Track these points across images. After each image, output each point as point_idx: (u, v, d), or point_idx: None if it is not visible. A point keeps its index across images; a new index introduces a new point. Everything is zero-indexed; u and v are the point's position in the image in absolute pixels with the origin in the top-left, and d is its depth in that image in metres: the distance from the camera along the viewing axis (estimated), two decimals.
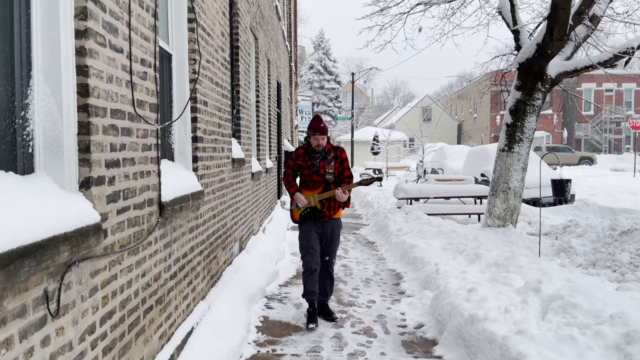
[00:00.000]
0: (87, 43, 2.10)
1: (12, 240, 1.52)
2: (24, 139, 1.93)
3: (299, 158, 4.66)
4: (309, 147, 4.58)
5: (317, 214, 4.60)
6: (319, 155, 4.56)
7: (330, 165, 4.54)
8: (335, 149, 4.64)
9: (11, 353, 1.58)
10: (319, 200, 4.57)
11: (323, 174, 4.54)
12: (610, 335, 3.35)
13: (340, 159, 4.61)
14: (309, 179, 4.59)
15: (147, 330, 2.81)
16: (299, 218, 4.67)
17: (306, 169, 4.60)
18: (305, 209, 4.61)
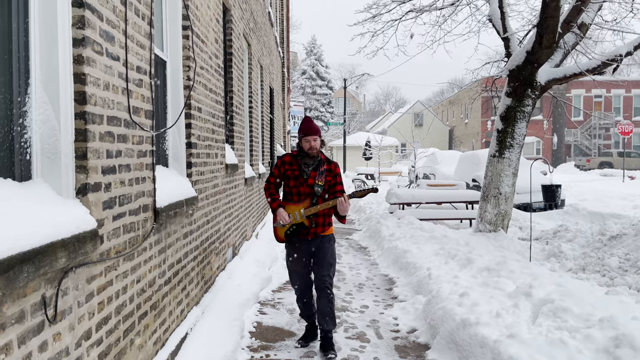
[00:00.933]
0: (84, 51, 2.13)
1: (11, 246, 1.53)
2: (21, 146, 1.95)
3: (284, 166, 4.09)
4: (301, 153, 4.05)
5: (302, 231, 4.06)
6: (311, 163, 4.03)
7: (322, 177, 4.00)
8: (329, 162, 4.12)
9: (10, 358, 1.59)
10: (307, 216, 4.00)
11: (312, 184, 3.99)
12: (600, 339, 3.41)
13: (333, 172, 4.09)
14: (296, 191, 4.04)
15: (142, 335, 2.82)
16: (284, 236, 4.13)
17: (293, 178, 4.03)
18: (291, 226, 4.06)
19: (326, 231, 4.11)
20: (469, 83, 12.36)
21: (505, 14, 8.29)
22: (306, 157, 4.03)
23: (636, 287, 5.13)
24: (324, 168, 4.03)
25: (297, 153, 4.07)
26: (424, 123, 49.92)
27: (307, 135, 3.99)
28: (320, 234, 4.08)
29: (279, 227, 4.12)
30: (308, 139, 3.99)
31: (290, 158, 4.10)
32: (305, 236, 4.06)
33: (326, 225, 4.12)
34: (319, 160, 4.03)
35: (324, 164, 4.05)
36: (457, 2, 9.64)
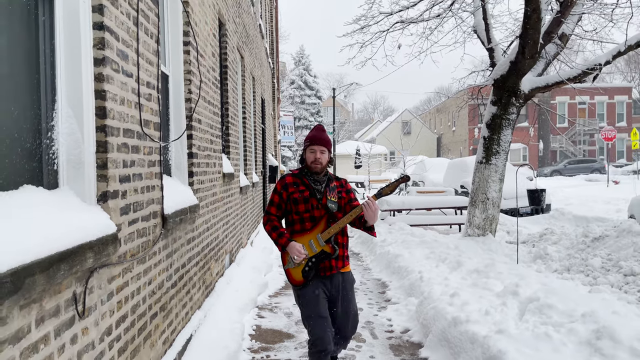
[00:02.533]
0: (104, 70, 2.32)
1: (51, 247, 1.71)
2: (50, 156, 2.13)
3: (288, 189, 3.23)
4: (305, 172, 3.28)
5: (321, 266, 3.22)
6: (323, 180, 3.26)
7: (334, 193, 3.25)
8: (339, 179, 3.42)
9: (48, 348, 1.76)
10: (326, 240, 3.15)
11: (326, 203, 3.21)
12: (582, 332, 3.63)
13: (345, 188, 3.36)
14: (308, 216, 3.18)
15: (153, 335, 2.99)
16: (302, 277, 3.20)
17: (303, 202, 3.18)
18: (308, 260, 3.15)
19: (346, 266, 3.33)
20: (455, 92, 12.67)
21: (489, 26, 8.61)
22: (312, 175, 3.25)
23: (618, 285, 5.37)
24: (334, 184, 3.31)
25: (300, 170, 3.31)
26: (412, 131, 50.44)
27: (313, 144, 3.21)
28: (341, 270, 3.27)
29: (293, 267, 3.21)
30: (314, 149, 3.21)
31: (294, 178, 3.28)
32: (325, 272, 3.22)
33: (345, 259, 3.32)
34: (328, 177, 3.30)
35: (333, 180, 3.33)
36: (443, 14, 9.95)
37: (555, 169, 35.19)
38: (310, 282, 3.19)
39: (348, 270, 3.37)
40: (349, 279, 3.35)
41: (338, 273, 3.27)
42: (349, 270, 3.38)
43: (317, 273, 3.21)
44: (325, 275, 3.23)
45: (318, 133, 3.27)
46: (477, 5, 8.84)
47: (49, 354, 1.77)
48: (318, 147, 3.23)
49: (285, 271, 3.28)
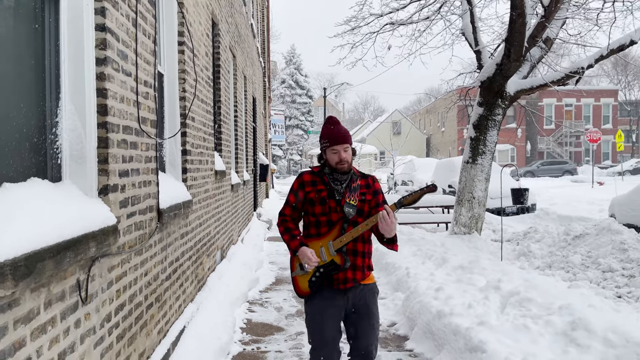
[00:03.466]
0: (105, 69, 2.44)
1: (59, 235, 1.83)
2: (54, 151, 2.24)
3: (305, 187, 2.84)
4: (325, 170, 2.84)
5: (334, 278, 2.77)
6: (345, 179, 2.80)
7: (354, 195, 2.78)
8: (365, 176, 2.91)
9: (55, 330, 1.88)
10: (337, 249, 2.72)
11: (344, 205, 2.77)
12: (559, 323, 3.81)
13: (372, 189, 2.87)
14: (325, 220, 2.78)
15: (149, 324, 3.11)
16: (308, 288, 2.80)
17: (319, 203, 2.79)
18: (316, 270, 2.75)
19: (367, 278, 2.86)
20: (444, 93, 12.87)
21: (477, 29, 8.79)
22: (336, 173, 2.80)
23: (596, 281, 5.58)
24: (358, 184, 2.82)
25: (320, 168, 2.88)
26: (402, 131, 50.72)
27: (333, 144, 2.77)
28: (360, 281, 2.81)
29: (300, 275, 2.81)
30: (336, 149, 2.76)
31: (312, 176, 2.87)
32: (338, 285, 2.76)
33: (366, 267, 2.84)
34: (351, 175, 2.83)
35: (357, 178, 2.84)
36: (432, 16, 10.13)
37: (528, 169, 35.80)
38: (319, 294, 2.77)
39: (371, 281, 2.89)
40: (370, 290, 2.85)
41: (358, 286, 2.80)
42: (373, 282, 2.90)
43: (330, 285, 2.76)
44: (342, 288, 2.76)
45: (335, 129, 2.80)
46: (465, 9, 9.02)
47: (55, 335, 1.89)
48: (340, 146, 2.75)
49: (292, 279, 2.88)
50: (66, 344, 1.97)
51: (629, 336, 3.36)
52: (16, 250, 1.57)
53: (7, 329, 1.58)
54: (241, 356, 4.22)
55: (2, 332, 1.55)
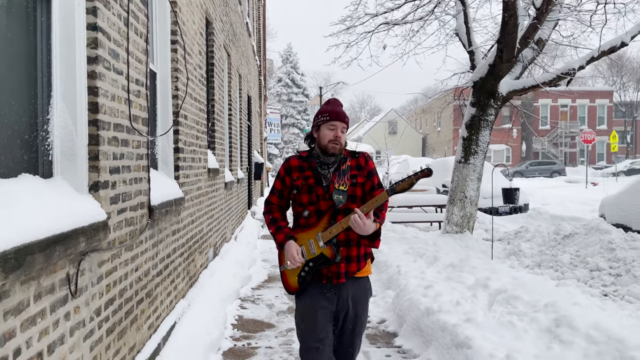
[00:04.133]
0: (97, 68, 2.48)
1: (49, 229, 1.88)
2: (45, 148, 2.29)
3: (292, 173, 2.62)
4: (313, 153, 2.62)
5: (324, 272, 2.56)
6: (333, 162, 2.57)
7: (343, 178, 2.54)
8: (356, 155, 2.65)
9: (45, 322, 1.93)
10: (326, 242, 2.49)
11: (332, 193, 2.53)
12: (544, 320, 3.88)
13: (365, 169, 2.60)
14: (314, 209, 2.55)
15: (139, 319, 3.16)
16: (297, 284, 2.60)
17: (307, 191, 2.56)
18: (305, 264, 2.54)
19: (362, 269, 2.62)
20: (439, 93, 12.95)
21: (470, 29, 8.87)
22: (324, 155, 2.56)
23: (584, 280, 5.66)
24: (347, 165, 2.57)
25: (309, 153, 2.65)
26: (397, 131, 50.85)
27: (333, 119, 2.53)
28: (355, 274, 2.58)
29: (288, 269, 2.60)
30: (335, 124, 2.52)
31: (299, 161, 2.63)
32: (330, 280, 2.55)
33: (362, 258, 2.60)
34: (341, 158, 2.58)
35: (345, 159, 2.59)
36: (426, 16, 10.20)
37: (517, 169, 36.06)
38: (309, 291, 2.57)
39: (365, 274, 2.64)
40: (362, 288, 2.62)
41: (351, 280, 2.56)
42: (366, 276, 2.65)
43: (320, 280, 2.55)
44: (334, 284, 2.54)
45: (339, 108, 2.58)
46: (459, 9, 9.09)
47: (45, 327, 1.94)
48: (339, 124, 2.52)
49: (281, 274, 2.67)
50: (55, 336, 2.02)
51: (610, 333, 3.43)
52: (6, 244, 1.61)
53: None
54: (232, 352, 4.28)
55: None
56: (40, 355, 1.90)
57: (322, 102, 37.07)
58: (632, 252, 5.73)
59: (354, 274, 2.57)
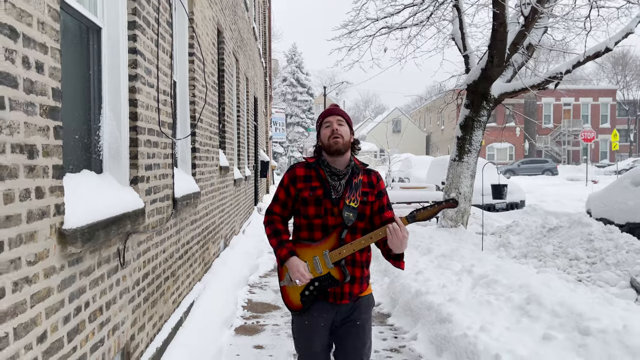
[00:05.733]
0: (136, 84, 3.04)
1: (107, 212, 2.44)
2: (97, 149, 2.85)
3: (297, 183, 2.43)
4: (321, 161, 2.43)
5: (330, 291, 2.42)
6: (345, 173, 2.39)
7: (354, 194, 2.36)
8: (369, 172, 2.47)
9: (104, 284, 2.50)
10: (334, 262, 2.34)
11: (342, 209, 2.35)
12: (517, 299, 4.41)
13: (376, 188, 2.45)
14: (320, 223, 2.38)
15: (166, 293, 3.73)
16: (300, 302, 2.44)
17: (314, 203, 2.38)
18: (310, 282, 2.38)
19: (364, 290, 2.50)
20: (437, 94, 13.46)
21: (465, 35, 9.37)
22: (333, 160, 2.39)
23: (563, 268, 6.18)
24: (359, 180, 2.40)
25: (317, 159, 2.45)
26: (402, 129, 51.29)
27: (326, 116, 2.42)
28: (358, 294, 2.46)
29: (290, 286, 2.44)
30: (329, 120, 2.39)
31: (305, 170, 2.44)
32: (335, 299, 2.42)
33: (365, 280, 2.49)
34: (352, 167, 2.41)
35: (358, 172, 2.43)
36: (424, 21, 10.71)
37: (509, 168, 36.47)
38: (313, 310, 2.43)
39: (368, 292, 2.52)
40: (365, 304, 2.48)
41: (355, 299, 2.45)
42: (369, 293, 2.53)
43: (325, 298, 2.41)
44: (338, 303, 2.42)
45: (331, 107, 2.49)
46: (455, 15, 9.60)
47: (103, 288, 2.50)
48: (333, 117, 2.39)
49: (281, 289, 2.50)
50: (111, 296, 2.59)
51: (572, 308, 3.96)
52: (82, 222, 2.17)
53: (75, 278, 2.19)
54: (243, 328, 4.84)
55: (71, 280, 2.16)
56: (101, 309, 2.47)
57: (326, 102, 37.56)
58: (608, 243, 6.25)
59: (357, 295, 2.44)
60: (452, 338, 4.03)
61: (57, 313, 2.01)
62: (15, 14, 1.71)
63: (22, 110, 1.75)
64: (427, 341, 4.38)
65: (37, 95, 1.86)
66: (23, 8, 1.77)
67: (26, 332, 1.77)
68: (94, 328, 2.39)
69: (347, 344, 2.47)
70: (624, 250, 5.87)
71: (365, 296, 2.50)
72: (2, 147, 1.63)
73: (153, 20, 3.40)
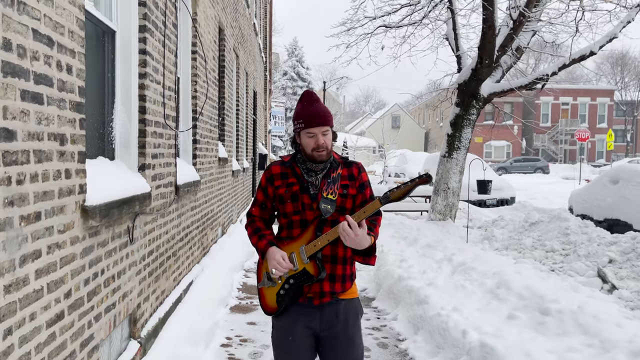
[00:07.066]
0: (145, 81, 3.42)
1: (119, 194, 2.82)
2: (111, 139, 3.23)
3: (274, 182, 2.32)
4: (298, 158, 2.31)
5: (305, 292, 2.23)
6: (321, 169, 2.27)
7: (332, 187, 2.25)
8: (349, 164, 2.36)
9: (116, 256, 2.88)
10: (310, 256, 2.18)
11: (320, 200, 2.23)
12: (489, 284, 4.81)
13: (358, 181, 2.31)
14: (298, 219, 2.26)
15: (167, 271, 4.12)
16: (275, 303, 2.26)
17: (291, 199, 2.27)
18: (285, 281, 2.22)
19: (348, 290, 2.30)
20: (431, 92, 13.83)
21: (458, 35, 9.73)
22: (311, 162, 2.26)
23: (539, 259, 6.58)
24: (338, 174, 2.29)
25: (292, 157, 2.35)
26: (401, 125, 51.63)
27: (310, 125, 2.22)
28: (339, 295, 2.27)
29: (267, 286, 2.29)
30: (313, 132, 2.22)
31: (282, 167, 2.33)
32: (312, 300, 2.25)
33: (347, 278, 2.29)
34: (330, 163, 2.29)
35: (337, 166, 2.31)
36: (420, 20, 11.05)
37: (501, 166, 36.87)
38: (287, 312, 2.24)
39: (353, 296, 2.32)
40: (350, 310, 2.29)
41: (333, 302, 2.25)
42: (355, 297, 2.34)
43: (303, 299, 2.23)
44: (315, 304, 2.23)
45: (313, 107, 2.24)
46: (449, 17, 9.96)
47: (115, 260, 2.89)
48: (318, 129, 2.21)
49: (258, 291, 2.36)
50: (121, 267, 2.98)
51: (536, 292, 4.36)
52: (99, 200, 2.55)
53: (94, 248, 2.57)
54: (237, 307, 5.24)
55: (91, 249, 2.55)
56: (113, 277, 2.86)
57: (326, 97, 37.79)
58: (583, 237, 6.65)
59: (338, 295, 2.25)
60: (427, 317, 4.43)
61: (79, 275, 2.39)
62: (52, 26, 2.09)
63: (56, 105, 2.13)
64: (405, 321, 4.79)
65: (67, 92, 2.23)
66: (58, 20, 2.14)
67: (56, 288, 2.16)
68: (108, 293, 2.78)
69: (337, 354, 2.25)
70: (596, 243, 6.27)
71: (351, 301, 2.29)
72: (41, 135, 2.01)
73: (161, 23, 3.77)
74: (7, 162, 1.76)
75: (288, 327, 2.24)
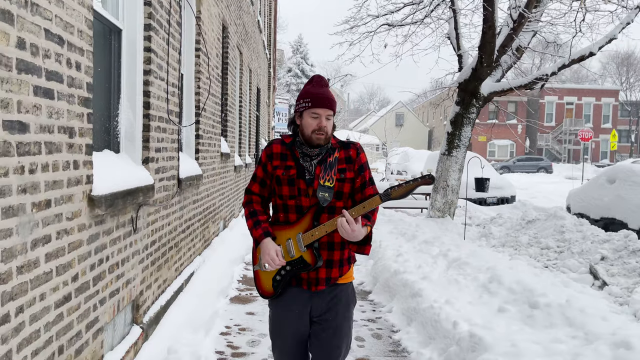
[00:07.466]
0: (149, 78, 3.56)
1: (124, 185, 2.97)
2: (116, 133, 3.38)
3: (273, 161, 2.31)
4: (297, 141, 2.29)
5: (303, 277, 2.28)
6: (317, 153, 2.25)
7: (329, 172, 2.24)
8: (346, 146, 2.34)
9: (120, 244, 3.03)
10: (307, 245, 2.21)
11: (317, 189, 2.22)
12: (482, 279, 4.94)
13: (356, 163, 2.30)
14: (294, 204, 2.26)
15: (169, 261, 4.27)
16: (272, 288, 2.31)
17: (288, 183, 2.26)
18: (282, 267, 2.25)
19: (345, 275, 2.34)
20: (434, 90, 13.93)
21: (459, 35, 9.83)
22: (308, 146, 2.24)
23: (534, 256, 6.71)
24: (334, 158, 2.27)
25: (293, 139, 2.32)
26: (405, 123, 51.68)
27: (316, 105, 2.21)
28: (337, 280, 2.31)
29: (263, 270, 2.28)
30: (318, 112, 2.21)
31: (283, 148, 2.32)
32: (309, 286, 2.28)
33: (345, 262, 2.33)
34: (327, 149, 2.27)
35: (333, 150, 2.29)
36: (422, 19, 11.15)
37: (504, 165, 36.87)
38: (287, 297, 2.29)
39: (348, 280, 2.36)
40: (344, 296, 2.33)
41: (331, 286, 2.29)
42: (350, 281, 2.37)
43: (299, 285, 2.27)
44: (312, 290, 2.27)
45: (323, 90, 2.24)
46: (450, 16, 10.05)
47: (119, 247, 3.04)
48: (324, 111, 2.20)
49: (254, 274, 2.38)
50: (125, 255, 3.13)
51: (526, 286, 4.49)
52: (105, 191, 2.70)
53: (99, 235, 2.72)
54: (237, 298, 5.39)
55: (97, 236, 2.69)
56: (117, 264, 3.01)
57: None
58: (577, 234, 6.77)
59: (336, 281, 2.28)
60: (420, 309, 4.56)
61: (85, 261, 2.54)
62: (62, 25, 2.23)
63: (66, 100, 2.27)
64: (400, 313, 4.92)
65: (76, 88, 2.38)
66: (68, 20, 2.28)
67: (64, 271, 2.30)
68: (112, 279, 2.93)
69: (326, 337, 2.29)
70: (589, 241, 6.39)
71: (345, 285, 2.32)
72: (51, 128, 2.15)
73: (165, 21, 3.91)
74: (20, 153, 1.91)
75: (283, 314, 2.30)
